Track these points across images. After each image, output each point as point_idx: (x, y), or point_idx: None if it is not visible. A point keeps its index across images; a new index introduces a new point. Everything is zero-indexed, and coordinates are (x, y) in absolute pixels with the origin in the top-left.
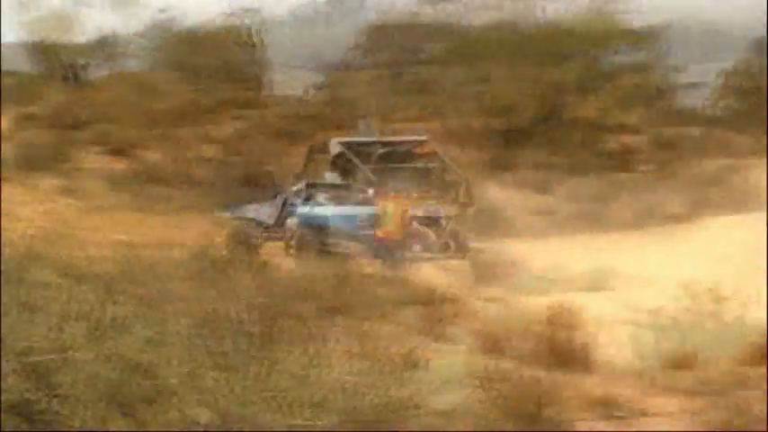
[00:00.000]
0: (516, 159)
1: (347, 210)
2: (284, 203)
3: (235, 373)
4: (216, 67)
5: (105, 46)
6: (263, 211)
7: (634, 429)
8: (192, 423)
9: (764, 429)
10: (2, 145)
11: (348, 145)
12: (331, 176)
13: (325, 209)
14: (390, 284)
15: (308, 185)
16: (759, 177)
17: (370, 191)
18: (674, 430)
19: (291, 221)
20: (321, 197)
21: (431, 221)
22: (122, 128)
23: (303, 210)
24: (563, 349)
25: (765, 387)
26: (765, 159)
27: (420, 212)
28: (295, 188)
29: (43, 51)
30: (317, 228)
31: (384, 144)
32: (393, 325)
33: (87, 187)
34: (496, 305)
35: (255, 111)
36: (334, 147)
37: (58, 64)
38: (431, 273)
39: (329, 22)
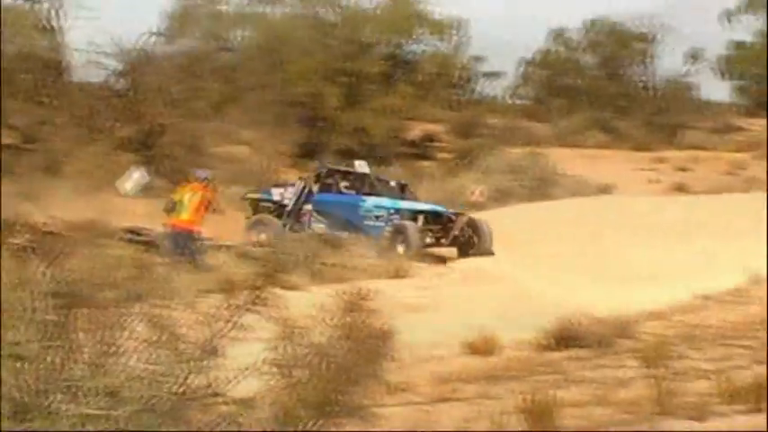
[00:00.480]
0: (319, 148)
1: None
2: (303, 189)
3: (29, 363)
4: (14, 53)
5: None
6: (287, 195)
7: (433, 417)
8: None
9: (560, 413)
10: None
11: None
12: (360, 164)
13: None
14: (190, 272)
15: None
16: (557, 165)
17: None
18: (471, 416)
19: (306, 207)
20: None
21: None
22: None
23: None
24: (361, 336)
25: (562, 371)
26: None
27: None
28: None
29: None
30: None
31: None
32: (192, 313)
33: None
34: (296, 292)
35: (55, 97)
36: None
37: None
38: (231, 261)
39: (132, 7)
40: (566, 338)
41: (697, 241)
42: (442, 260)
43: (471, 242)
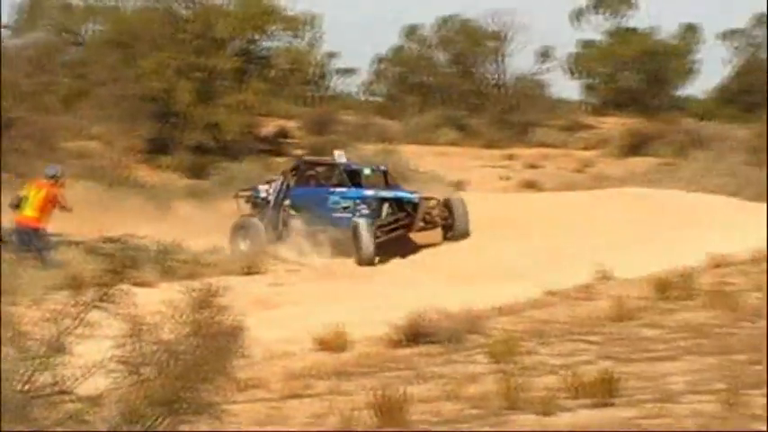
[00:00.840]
0: (172, 143)
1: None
2: (282, 184)
3: None
4: None
5: None
6: (271, 191)
7: (283, 413)
8: None
9: (410, 408)
10: None
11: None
12: (339, 155)
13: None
14: (37, 269)
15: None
16: (410, 161)
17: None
18: (322, 412)
19: (285, 203)
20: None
21: None
22: None
23: None
24: (211, 332)
25: (412, 366)
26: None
27: None
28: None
29: None
30: None
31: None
32: (39, 310)
33: None
34: (145, 289)
35: None
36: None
37: None
38: (80, 257)
39: None
40: (416, 334)
41: (548, 238)
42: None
43: (447, 225)
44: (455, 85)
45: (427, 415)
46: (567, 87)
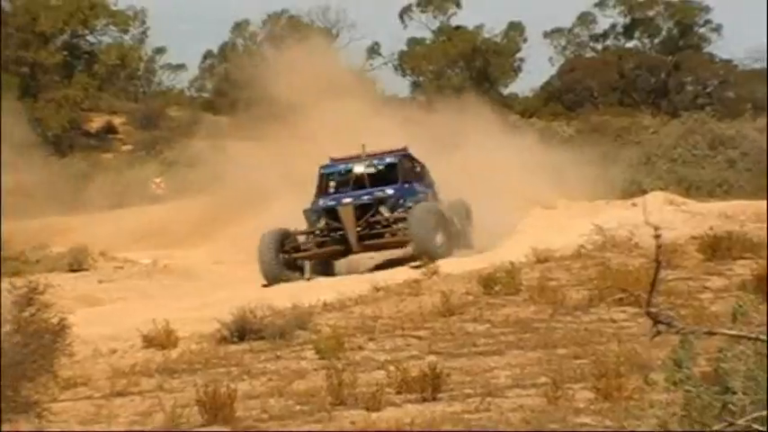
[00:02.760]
0: None
1: None
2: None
3: None
4: None
5: None
6: None
7: (109, 411)
8: None
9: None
10: None
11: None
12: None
13: None
14: None
15: None
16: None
17: None
18: (148, 409)
19: None
20: None
21: None
22: None
23: None
24: (34, 330)
25: (240, 363)
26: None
27: None
28: None
29: None
30: None
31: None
32: None
33: None
34: None
35: None
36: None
37: None
38: None
39: None
40: (245, 331)
41: None
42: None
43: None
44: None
45: (255, 411)
46: (396, 84)
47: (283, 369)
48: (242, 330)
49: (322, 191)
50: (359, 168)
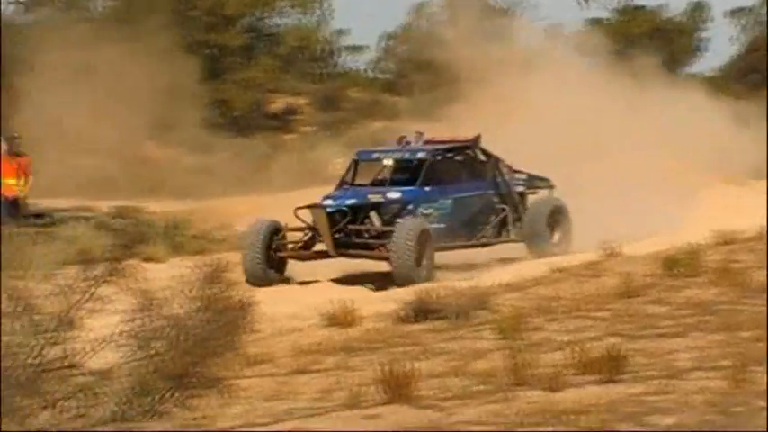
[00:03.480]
0: (179, 119)
1: None
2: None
3: None
4: None
5: None
6: None
7: (292, 388)
8: None
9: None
10: None
11: None
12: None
13: None
14: (46, 243)
15: None
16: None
17: None
18: (330, 387)
19: None
20: None
21: None
22: None
23: None
24: (221, 307)
25: (420, 342)
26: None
27: None
28: None
29: None
30: None
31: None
32: (48, 284)
33: None
34: (155, 264)
35: None
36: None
37: None
38: (90, 232)
39: None
40: (424, 311)
41: None
42: None
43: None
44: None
45: (435, 390)
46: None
47: (463, 348)
48: (421, 310)
49: (344, 180)
50: (387, 161)
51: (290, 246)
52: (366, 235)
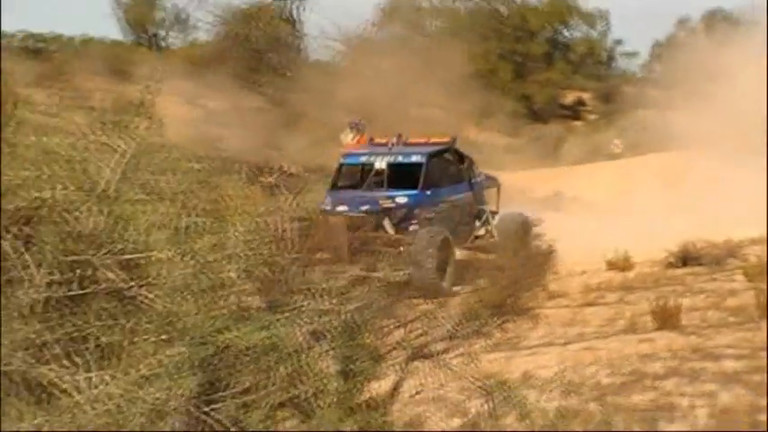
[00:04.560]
0: (494, 110)
1: None
2: None
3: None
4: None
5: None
6: None
7: (583, 317)
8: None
9: (682, 316)
10: None
11: None
12: None
13: None
14: None
15: None
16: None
17: None
18: (612, 317)
19: None
20: None
21: None
22: None
23: None
24: (532, 254)
25: (684, 283)
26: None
27: None
28: None
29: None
30: None
31: None
32: None
33: None
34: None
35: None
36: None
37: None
38: None
39: (352, 2)
40: (687, 258)
41: None
42: None
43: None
44: None
45: (696, 321)
46: None
47: (718, 289)
48: (685, 257)
49: (334, 184)
50: (380, 164)
51: None
52: (378, 242)
